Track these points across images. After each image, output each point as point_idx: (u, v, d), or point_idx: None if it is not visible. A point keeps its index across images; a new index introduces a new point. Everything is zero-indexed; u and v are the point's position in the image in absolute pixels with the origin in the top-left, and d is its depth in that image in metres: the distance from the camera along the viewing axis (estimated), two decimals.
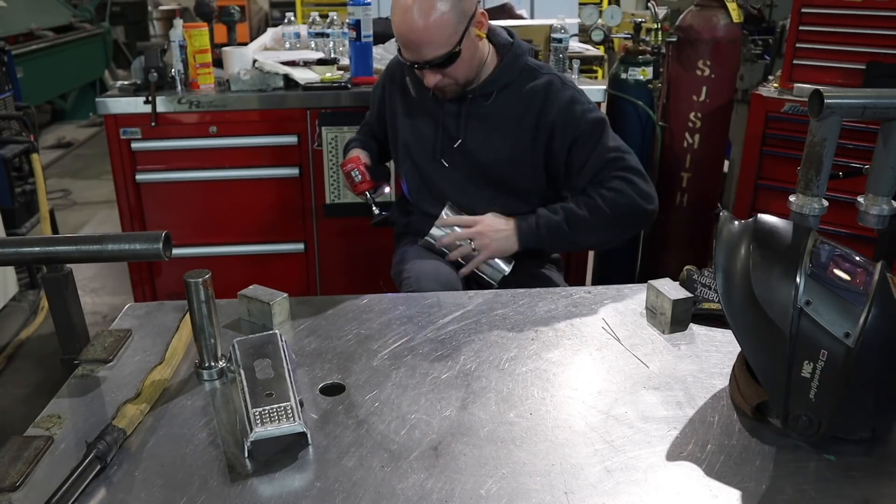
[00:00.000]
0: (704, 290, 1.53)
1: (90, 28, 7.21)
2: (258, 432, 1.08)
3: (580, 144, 1.86)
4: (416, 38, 1.75)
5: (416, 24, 1.73)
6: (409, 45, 1.78)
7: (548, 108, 1.88)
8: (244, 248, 2.84)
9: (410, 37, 1.76)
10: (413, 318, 1.51)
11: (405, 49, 1.81)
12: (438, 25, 1.73)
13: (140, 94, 2.60)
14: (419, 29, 1.73)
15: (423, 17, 1.72)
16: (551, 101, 1.88)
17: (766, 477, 1.06)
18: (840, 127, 1.46)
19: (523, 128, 1.90)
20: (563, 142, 1.88)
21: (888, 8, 2.46)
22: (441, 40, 1.75)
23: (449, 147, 1.95)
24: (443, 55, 1.77)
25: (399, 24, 1.76)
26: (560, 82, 1.91)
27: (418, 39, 1.75)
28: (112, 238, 1.25)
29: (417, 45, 1.76)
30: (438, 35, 1.75)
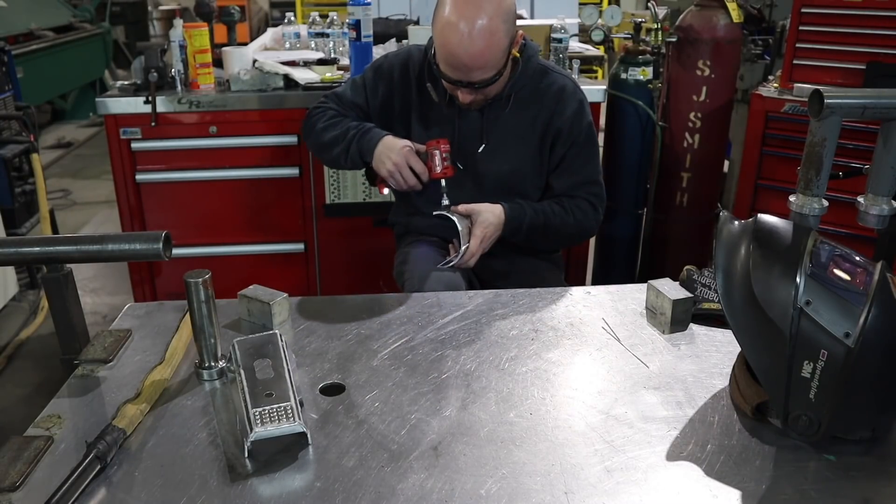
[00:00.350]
0: (704, 290, 1.53)
1: (90, 28, 7.20)
2: (258, 432, 1.08)
3: (574, 151, 1.93)
4: (469, 63, 1.71)
5: (470, 48, 1.68)
6: (461, 67, 1.73)
7: (558, 114, 1.90)
8: (244, 248, 2.84)
9: (465, 61, 1.71)
10: (413, 318, 1.51)
11: (452, 69, 1.74)
12: (494, 50, 1.71)
13: (140, 94, 2.60)
14: (473, 54, 1.69)
15: (478, 42, 1.68)
16: (563, 107, 1.90)
17: (766, 477, 1.06)
18: (840, 127, 1.46)
19: (535, 132, 1.91)
20: (563, 147, 1.93)
21: (888, 8, 2.46)
22: (493, 64, 1.73)
23: (469, 152, 1.94)
24: (490, 78, 1.75)
25: (454, 47, 1.70)
26: (573, 85, 1.94)
27: (470, 63, 1.71)
28: (112, 238, 1.25)
29: (469, 69, 1.73)
30: (493, 59, 1.72)
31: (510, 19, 1.73)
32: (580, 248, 2.83)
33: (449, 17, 1.70)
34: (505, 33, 1.72)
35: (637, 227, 3.12)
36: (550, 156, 1.94)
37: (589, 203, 1.95)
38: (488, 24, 1.68)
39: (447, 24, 1.70)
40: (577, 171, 1.94)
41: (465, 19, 1.67)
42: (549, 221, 1.91)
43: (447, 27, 1.70)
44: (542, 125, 1.90)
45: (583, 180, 1.95)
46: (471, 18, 1.67)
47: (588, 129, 1.93)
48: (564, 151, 1.92)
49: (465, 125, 1.92)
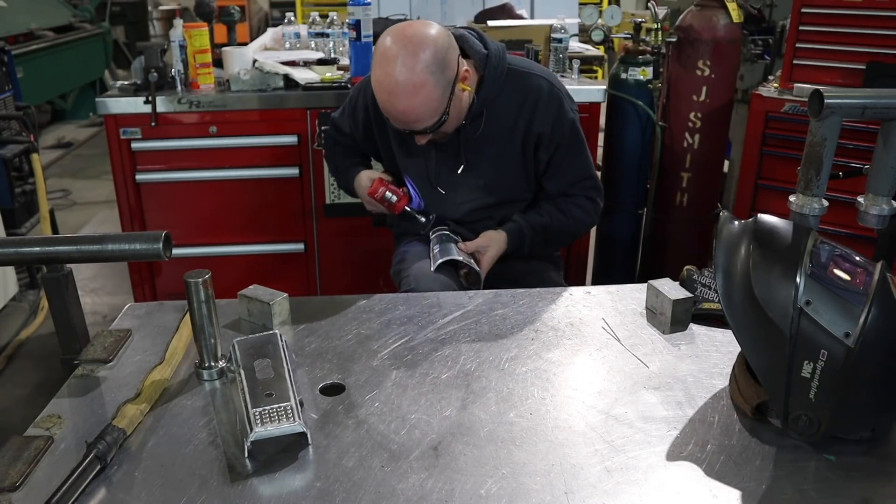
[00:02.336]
0: (704, 290, 1.53)
1: (90, 28, 7.20)
2: (258, 432, 1.08)
3: (561, 152, 1.91)
4: (402, 118, 1.71)
5: (401, 105, 1.67)
6: (397, 121, 1.74)
7: (538, 118, 1.86)
8: (244, 248, 2.84)
9: (397, 116, 1.71)
10: (413, 318, 1.51)
11: (392, 121, 1.76)
12: (425, 103, 1.67)
13: (140, 94, 2.60)
14: (405, 110, 1.68)
15: (408, 100, 1.66)
16: (541, 109, 1.85)
17: (766, 477, 1.06)
18: (840, 127, 1.46)
19: (514, 138, 1.88)
20: (547, 151, 1.91)
21: (888, 8, 2.46)
22: (428, 115, 1.70)
23: (448, 174, 1.93)
24: (431, 126, 1.73)
25: (384, 103, 1.70)
26: (548, 84, 1.88)
27: (405, 119, 1.71)
28: (112, 238, 1.25)
29: (405, 122, 1.73)
30: (425, 112, 1.69)
31: (442, 66, 1.66)
32: (580, 248, 2.84)
33: (375, 74, 1.68)
34: (435, 84, 1.66)
35: (637, 227, 3.12)
36: (536, 159, 1.92)
37: (586, 198, 1.95)
38: (412, 78, 1.63)
39: (376, 80, 1.69)
40: (567, 170, 1.93)
41: (388, 77, 1.65)
42: (549, 231, 1.93)
43: (376, 84, 1.69)
44: (522, 132, 1.87)
45: (576, 178, 1.94)
46: (397, 76, 1.63)
47: (571, 128, 1.89)
48: (550, 155, 1.90)
49: (441, 148, 1.90)
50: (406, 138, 1.91)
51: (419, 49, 1.64)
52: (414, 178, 1.97)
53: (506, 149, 1.90)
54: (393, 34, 1.67)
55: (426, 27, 1.69)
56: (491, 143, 1.89)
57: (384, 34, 1.69)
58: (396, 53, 1.64)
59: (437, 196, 1.95)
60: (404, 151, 1.96)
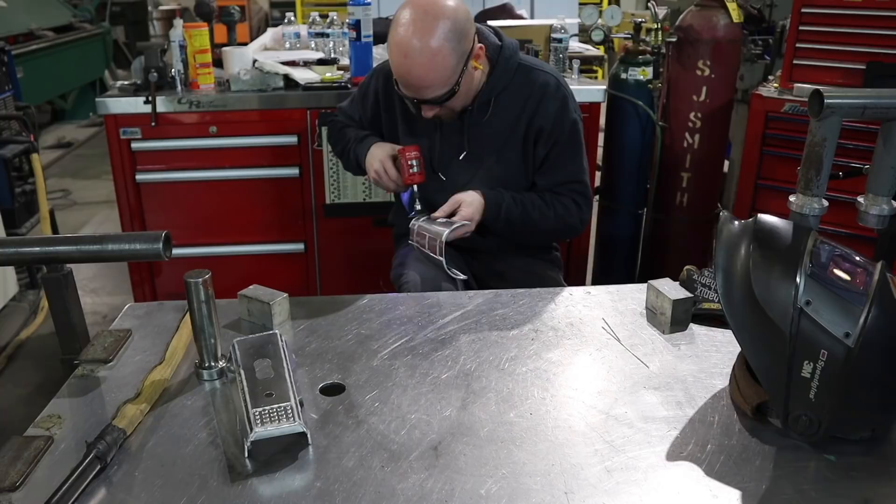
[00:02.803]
0: (704, 290, 1.53)
1: (90, 28, 7.19)
2: (258, 432, 1.08)
3: (557, 149, 1.91)
4: (415, 82, 1.73)
5: (415, 66, 1.70)
6: (409, 86, 1.76)
7: (541, 112, 1.88)
8: (244, 248, 2.84)
9: (410, 80, 1.74)
10: (413, 318, 1.51)
11: (404, 87, 1.78)
12: (438, 68, 1.71)
13: (140, 94, 2.60)
14: (418, 72, 1.71)
15: (422, 60, 1.69)
16: (545, 105, 1.88)
17: (766, 477, 1.06)
18: (840, 127, 1.46)
19: (517, 132, 1.90)
20: (545, 146, 1.91)
21: (888, 8, 2.46)
22: (440, 82, 1.73)
23: (450, 160, 1.94)
24: (441, 95, 1.76)
25: (398, 66, 1.73)
26: (556, 81, 1.91)
27: (417, 82, 1.73)
28: (112, 238, 1.25)
29: (416, 86, 1.75)
30: (438, 77, 1.72)
31: (458, 36, 1.71)
32: (580, 248, 2.84)
33: (393, 36, 1.72)
34: (451, 51, 1.70)
35: (637, 227, 3.12)
36: (534, 154, 1.93)
37: (573, 201, 1.93)
38: (432, 42, 1.67)
39: (393, 43, 1.72)
40: (560, 169, 1.93)
41: (407, 39, 1.68)
42: (527, 210, 1.89)
43: (393, 47, 1.72)
44: (525, 125, 1.89)
45: (566, 178, 1.93)
46: (414, 39, 1.68)
47: (572, 127, 1.91)
48: (548, 150, 1.91)
49: (446, 134, 1.92)
50: (412, 123, 1.94)
51: (439, 16, 1.68)
52: None
53: (508, 141, 1.91)
54: (413, 2, 1.71)
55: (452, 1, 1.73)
56: (495, 133, 1.90)
57: (404, 3, 1.73)
58: (416, 18, 1.68)
59: (438, 183, 1.95)
60: (410, 135, 1.97)
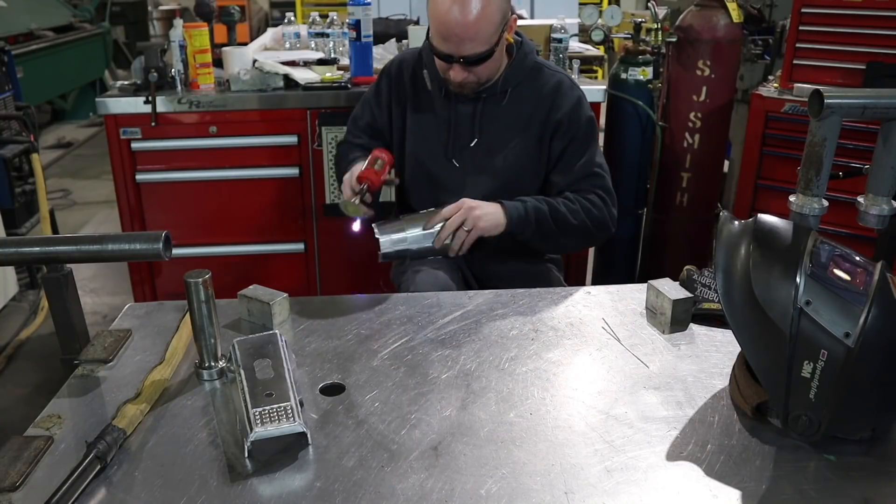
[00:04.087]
0: (704, 290, 1.53)
1: (90, 28, 7.20)
2: (258, 432, 1.08)
3: (574, 145, 1.91)
4: (460, 33, 1.73)
5: (461, 17, 1.70)
6: (452, 37, 1.75)
7: (556, 108, 1.89)
8: (244, 248, 2.84)
9: (456, 30, 1.72)
10: (413, 318, 1.51)
11: (444, 41, 1.76)
12: (485, 22, 1.72)
13: (140, 94, 2.60)
14: (464, 24, 1.71)
15: (469, 12, 1.70)
16: (560, 101, 1.90)
17: (766, 477, 1.06)
18: (840, 127, 1.46)
19: (532, 128, 1.91)
20: (562, 141, 1.91)
21: (888, 8, 2.46)
22: (483, 37, 1.74)
23: (462, 147, 1.94)
24: (480, 53, 1.76)
25: (444, 15, 1.72)
26: (569, 82, 1.94)
27: (462, 34, 1.73)
28: (112, 238, 1.25)
29: (460, 39, 1.74)
30: (482, 32, 1.73)
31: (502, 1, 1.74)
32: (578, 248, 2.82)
33: None
34: (497, 8, 1.73)
35: (637, 227, 3.12)
36: (550, 150, 1.92)
37: (595, 195, 1.89)
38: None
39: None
40: (577, 164, 1.90)
41: None
42: (553, 206, 1.83)
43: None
44: (541, 120, 1.90)
45: (585, 174, 1.90)
46: None
47: (588, 124, 1.92)
48: (564, 145, 1.90)
49: (458, 119, 1.92)
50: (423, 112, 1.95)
51: None
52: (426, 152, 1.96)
53: (523, 134, 1.91)
54: None
55: None
56: (508, 125, 1.91)
57: None
58: None
59: (450, 171, 1.94)
60: (423, 133, 1.97)
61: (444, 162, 1.95)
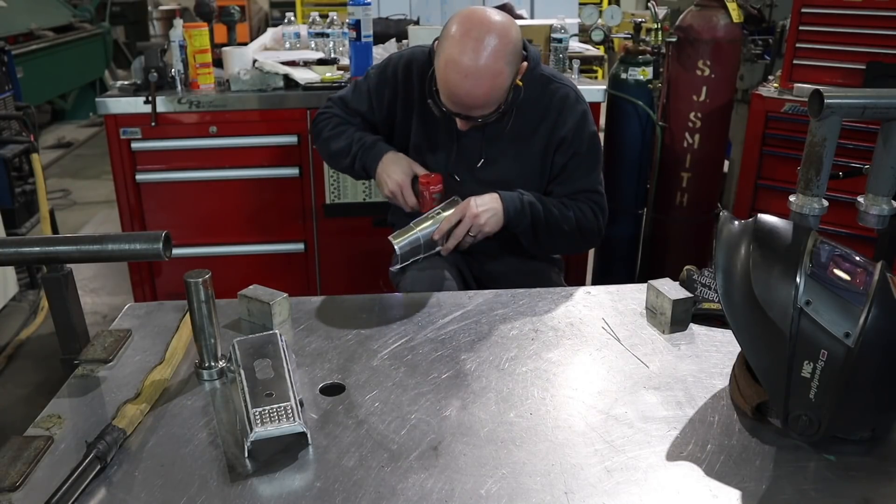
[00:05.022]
0: (704, 290, 1.53)
1: (90, 28, 7.19)
2: (258, 432, 1.08)
3: (576, 160, 1.90)
4: (469, 103, 1.69)
5: (476, 90, 1.65)
6: (460, 105, 1.70)
7: (561, 123, 1.87)
8: (244, 248, 2.84)
9: (465, 100, 1.68)
10: (413, 318, 1.51)
11: (451, 104, 1.71)
12: (496, 91, 1.68)
13: (140, 94, 2.60)
14: (478, 95, 1.67)
15: (485, 84, 1.65)
16: (565, 116, 1.87)
17: (766, 477, 1.06)
18: (840, 127, 1.46)
19: (536, 142, 1.89)
20: (564, 156, 1.90)
21: (888, 8, 2.46)
22: (492, 103, 1.70)
23: (466, 165, 1.92)
24: (488, 114, 1.73)
25: (455, 85, 1.66)
26: (575, 95, 1.91)
27: (472, 104, 1.69)
28: (112, 238, 1.25)
29: (470, 107, 1.70)
30: (494, 99, 1.69)
31: (515, 58, 1.69)
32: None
33: (452, 54, 1.64)
34: (509, 75, 1.68)
35: (637, 227, 3.12)
36: (552, 164, 1.92)
37: (589, 208, 1.90)
38: (493, 64, 1.63)
39: (450, 60, 1.65)
40: (577, 179, 1.91)
41: (468, 58, 1.62)
42: (549, 208, 1.84)
43: (450, 64, 1.65)
44: (545, 135, 1.88)
45: (583, 188, 1.91)
46: (474, 58, 1.62)
47: (591, 139, 1.91)
48: (566, 161, 1.90)
49: (464, 140, 1.89)
50: (430, 127, 1.90)
51: (504, 37, 1.65)
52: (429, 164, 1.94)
53: (526, 150, 1.90)
54: (475, 19, 1.65)
55: (504, 17, 1.70)
56: (512, 141, 1.89)
57: (460, 16, 1.67)
58: (480, 37, 1.63)
59: (451, 184, 1.92)
60: (427, 143, 1.93)
61: (445, 175, 1.93)
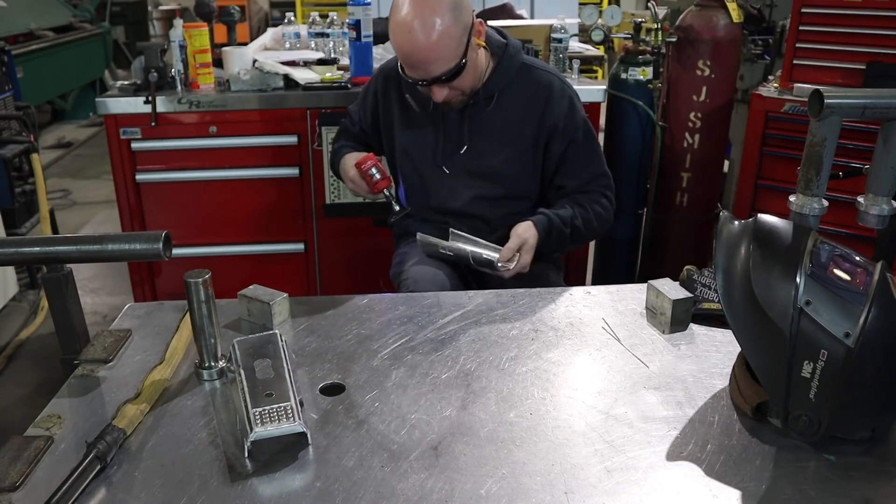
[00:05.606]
0: (704, 290, 1.53)
1: (90, 28, 7.20)
2: (258, 432, 1.08)
3: (574, 148, 1.92)
4: (422, 57, 1.73)
5: (421, 42, 1.70)
6: (416, 63, 1.75)
7: (549, 111, 1.89)
8: (244, 248, 2.84)
9: (417, 56, 1.73)
10: (413, 318, 1.51)
11: (410, 69, 1.77)
12: (444, 40, 1.71)
13: (140, 94, 2.60)
14: (425, 47, 1.70)
15: (427, 35, 1.69)
16: (553, 103, 1.89)
17: (766, 477, 1.06)
18: (840, 127, 1.46)
19: (525, 131, 1.91)
20: (560, 144, 1.92)
21: (888, 8, 2.46)
22: (448, 54, 1.73)
23: (452, 154, 1.94)
24: (450, 69, 1.75)
25: (403, 44, 1.73)
26: (560, 82, 1.93)
27: (425, 58, 1.73)
28: (112, 238, 1.25)
29: (424, 62, 1.74)
30: (445, 49, 1.72)
31: (459, 12, 1.72)
32: (580, 249, 2.83)
33: (395, 17, 1.73)
34: (453, 22, 1.71)
35: (637, 227, 3.12)
36: (546, 155, 1.93)
37: (603, 196, 1.96)
38: (433, 14, 1.68)
39: (395, 23, 1.73)
40: (584, 167, 1.94)
41: (409, 15, 1.69)
42: (573, 225, 1.90)
43: (395, 27, 1.73)
44: (534, 123, 1.90)
45: (592, 175, 1.95)
46: (414, 13, 1.69)
47: (584, 125, 1.93)
48: (563, 150, 1.92)
49: (447, 128, 1.92)
50: (410, 120, 1.95)
51: None
52: (417, 159, 1.98)
53: (514, 139, 1.91)
54: None
55: None
56: (498, 130, 1.91)
57: None
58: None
59: (440, 176, 1.95)
60: (413, 142, 1.97)
61: (433, 168, 1.96)
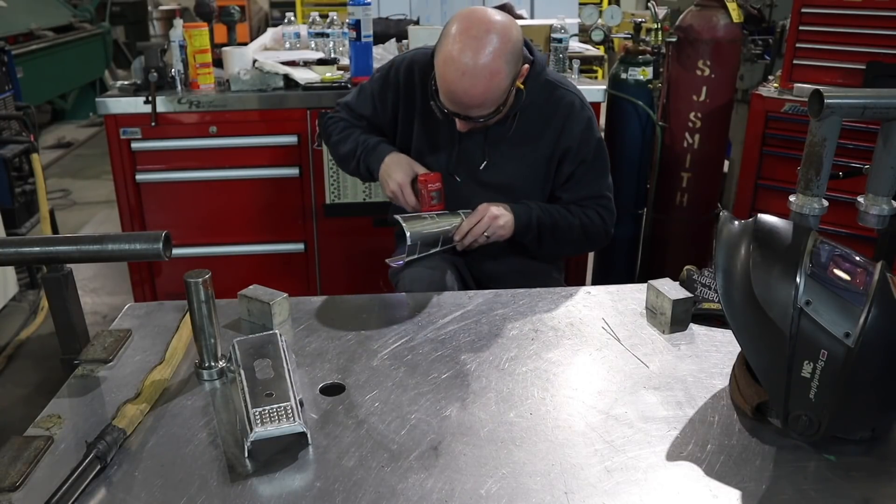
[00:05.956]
0: (704, 290, 1.53)
1: (90, 28, 7.19)
2: (258, 432, 1.08)
3: (583, 168, 1.91)
4: (467, 102, 1.68)
5: (470, 89, 1.64)
6: (458, 102, 1.69)
7: (567, 131, 1.87)
8: (244, 248, 2.84)
9: (462, 99, 1.67)
10: (413, 318, 1.51)
11: (450, 103, 1.71)
12: (495, 93, 1.67)
13: (140, 94, 2.60)
14: (473, 95, 1.66)
15: (479, 84, 1.64)
16: (571, 124, 1.87)
17: (766, 477, 1.06)
18: (840, 127, 1.46)
19: (541, 148, 1.89)
20: (571, 165, 1.91)
21: (888, 8, 2.46)
22: (492, 102, 1.69)
23: (468, 166, 1.92)
24: (490, 114, 1.72)
25: (452, 83, 1.65)
26: (580, 103, 1.90)
27: (470, 102, 1.68)
28: (112, 238, 1.25)
29: (468, 106, 1.69)
30: (492, 99, 1.68)
31: (515, 58, 1.68)
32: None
33: (451, 52, 1.64)
34: (507, 74, 1.66)
35: (637, 227, 3.12)
36: (557, 173, 1.92)
37: (596, 213, 1.93)
38: (491, 63, 1.62)
39: (448, 58, 1.64)
40: (585, 186, 1.93)
41: (466, 56, 1.62)
42: (556, 219, 1.88)
43: (448, 62, 1.65)
44: (551, 143, 1.88)
45: (591, 194, 1.93)
46: (473, 56, 1.62)
47: (597, 147, 1.92)
48: (573, 169, 1.91)
49: (465, 140, 1.89)
50: (432, 128, 1.91)
51: (503, 37, 1.64)
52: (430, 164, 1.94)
53: (530, 155, 1.90)
54: (474, 18, 1.65)
55: (505, 17, 1.69)
56: (516, 145, 1.89)
57: (460, 15, 1.68)
58: (475, 35, 1.63)
59: (451, 184, 1.91)
60: (428, 144, 1.94)
61: (445, 175, 1.92)
